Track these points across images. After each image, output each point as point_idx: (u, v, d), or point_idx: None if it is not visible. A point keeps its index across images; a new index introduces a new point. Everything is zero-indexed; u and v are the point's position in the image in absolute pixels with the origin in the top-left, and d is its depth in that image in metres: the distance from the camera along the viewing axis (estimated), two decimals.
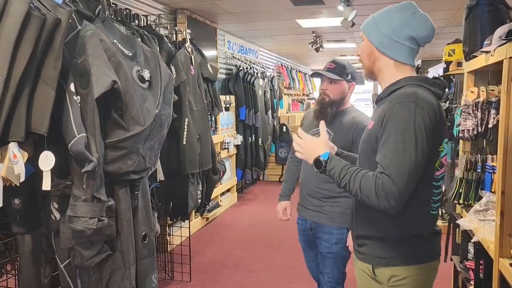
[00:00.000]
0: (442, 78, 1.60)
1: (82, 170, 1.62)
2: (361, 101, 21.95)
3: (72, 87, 1.64)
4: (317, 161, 1.43)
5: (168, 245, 4.01)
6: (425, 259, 1.47)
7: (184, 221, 3.79)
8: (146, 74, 1.89)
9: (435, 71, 6.62)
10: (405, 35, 1.45)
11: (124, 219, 1.92)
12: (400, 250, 1.44)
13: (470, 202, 2.38)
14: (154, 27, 3.65)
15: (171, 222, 3.99)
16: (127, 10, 3.28)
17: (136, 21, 3.36)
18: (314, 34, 6.42)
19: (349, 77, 2.19)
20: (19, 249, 1.93)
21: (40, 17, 1.40)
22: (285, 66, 9.07)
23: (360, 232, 1.52)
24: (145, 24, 3.46)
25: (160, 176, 2.29)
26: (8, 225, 1.95)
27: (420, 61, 10.81)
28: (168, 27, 4.38)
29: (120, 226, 1.91)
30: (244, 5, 4.65)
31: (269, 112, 6.58)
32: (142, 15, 3.53)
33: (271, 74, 7.50)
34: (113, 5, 3.13)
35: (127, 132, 1.79)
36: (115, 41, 1.83)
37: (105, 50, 1.74)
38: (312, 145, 1.48)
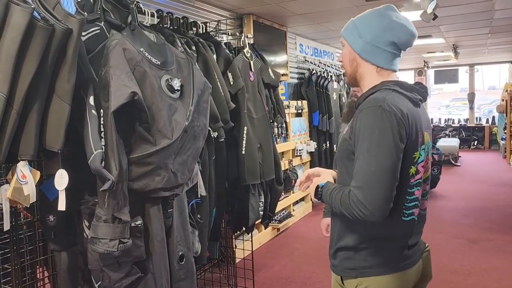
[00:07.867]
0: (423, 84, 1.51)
1: (100, 189, 1.52)
2: (458, 101, 20.20)
3: (91, 100, 1.55)
4: (316, 190, 1.45)
5: (235, 258, 3.90)
6: (393, 269, 1.39)
7: (248, 234, 3.65)
8: (176, 83, 1.75)
9: None
10: (386, 40, 1.41)
11: (156, 239, 1.79)
12: (368, 261, 1.39)
13: None
14: (215, 34, 3.57)
15: (236, 234, 3.87)
16: (185, 18, 3.23)
17: (194, 29, 3.30)
18: None
19: None
20: (56, 266, 1.90)
21: (46, 28, 1.31)
22: None
23: (333, 245, 1.50)
24: (204, 31, 3.38)
25: (202, 191, 2.14)
26: None
27: None
28: (237, 34, 4.28)
29: (152, 247, 1.78)
30: (311, 6, 4.39)
31: None
32: (202, 23, 3.46)
33: None
34: (169, 14, 3.09)
35: (153, 147, 1.66)
36: (142, 49, 1.71)
37: (128, 60, 1.63)
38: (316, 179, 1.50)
